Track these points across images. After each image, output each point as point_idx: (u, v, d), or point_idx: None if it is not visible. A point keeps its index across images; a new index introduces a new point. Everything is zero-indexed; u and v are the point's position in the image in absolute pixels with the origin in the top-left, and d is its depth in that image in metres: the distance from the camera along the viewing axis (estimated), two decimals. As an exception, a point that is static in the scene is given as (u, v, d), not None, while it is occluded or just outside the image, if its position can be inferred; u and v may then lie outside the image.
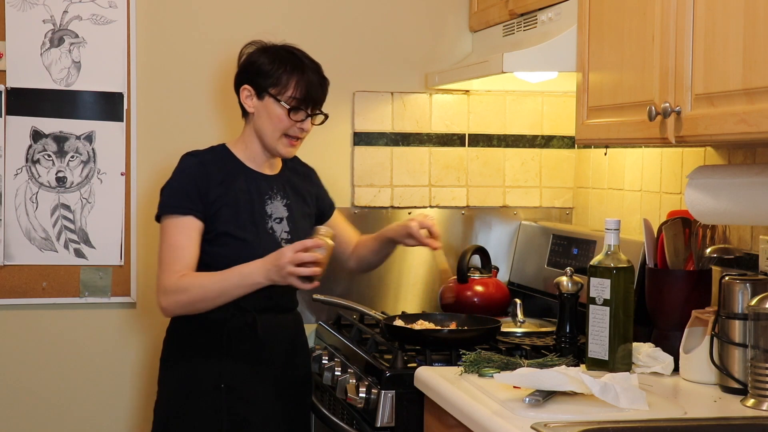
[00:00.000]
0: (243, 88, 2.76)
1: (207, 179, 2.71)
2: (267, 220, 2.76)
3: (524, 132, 3.66)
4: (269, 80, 2.72)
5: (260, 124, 2.75)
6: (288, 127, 2.73)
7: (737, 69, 2.03)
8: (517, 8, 3.17)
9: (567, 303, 2.84)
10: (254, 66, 2.75)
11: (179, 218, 2.67)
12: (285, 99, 2.71)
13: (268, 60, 2.74)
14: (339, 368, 2.99)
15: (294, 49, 2.79)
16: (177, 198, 2.70)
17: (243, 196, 2.74)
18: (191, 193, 2.69)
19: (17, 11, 3.31)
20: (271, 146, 2.76)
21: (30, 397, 3.39)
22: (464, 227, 3.63)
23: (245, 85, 2.76)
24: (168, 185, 2.74)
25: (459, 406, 2.34)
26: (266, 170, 2.82)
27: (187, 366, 2.73)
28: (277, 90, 2.72)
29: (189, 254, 2.66)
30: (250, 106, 2.76)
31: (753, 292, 2.36)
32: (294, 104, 2.71)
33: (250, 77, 2.75)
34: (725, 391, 2.41)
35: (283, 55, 2.75)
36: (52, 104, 3.34)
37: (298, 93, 2.72)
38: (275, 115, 2.72)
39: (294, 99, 2.72)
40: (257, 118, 2.76)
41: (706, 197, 2.38)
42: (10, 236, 3.33)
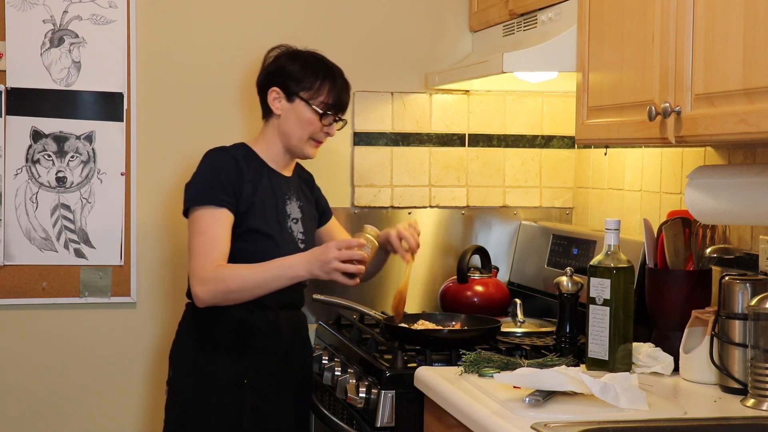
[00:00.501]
0: (271, 90, 2.81)
1: (239, 175, 2.74)
2: (287, 219, 2.82)
3: (524, 132, 3.66)
4: (301, 84, 2.78)
5: (288, 126, 2.80)
6: (317, 131, 2.80)
7: (737, 69, 2.03)
8: (517, 8, 3.17)
9: (567, 303, 2.84)
10: (285, 70, 2.80)
11: (214, 209, 2.69)
12: (317, 104, 2.78)
13: (300, 65, 2.80)
14: (339, 368, 2.99)
15: (322, 56, 2.87)
16: (212, 190, 2.71)
17: (268, 194, 2.79)
18: (226, 187, 2.71)
19: (17, 11, 3.31)
20: (297, 148, 2.82)
21: (30, 397, 3.39)
22: (464, 227, 3.63)
23: (274, 87, 2.80)
24: (199, 177, 2.75)
25: (459, 406, 2.34)
26: (285, 171, 2.88)
27: (208, 363, 2.74)
28: (310, 94, 2.78)
29: (224, 245, 2.68)
30: (277, 108, 2.80)
31: (753, 292, 2.36)
32: (325, 109, 2.78)
33: (279, 80, 2.80)
34: (725, 391, 2.41)
35: (313, 62, 2.83)
36: (52, 104, 3.33)
37: (330, 99, 2.79)
38: (305, 118, 2.78)
39: (325, 104, 2.79)
40: (285, 120, 2.80)
41: (706, 197, 2.38)
42: (10, 236, 3.32)
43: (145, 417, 3.46)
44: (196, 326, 2.79)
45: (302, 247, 2.82)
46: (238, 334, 2.73)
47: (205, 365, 2.75)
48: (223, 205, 2.69)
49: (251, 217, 2.73)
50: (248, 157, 2.80)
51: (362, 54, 3.54)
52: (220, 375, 2.74)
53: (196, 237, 2.68)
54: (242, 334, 2.73)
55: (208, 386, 2.74)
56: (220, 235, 2.67)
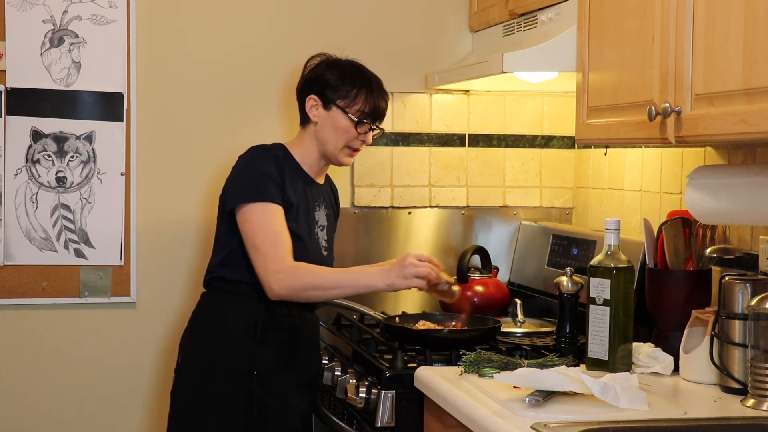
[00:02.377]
0: (309, 98, 2.83)
1: (282, 174, 2.76)
2: (315, 225, 2.85)
3: (524, 132, 3.66)
4: (338, 93, 2.81)
5: (324, 133, 2.83)
6: (352, 138, 2.82)
7: (737, 69, 2.03)
8: (517, 8, 3.17)
9: (567, 303, 2.84)
10: (322, 78, 2.83)
11: (270, 205, 2.71)
12: (353, 112, 2.81)
13: (338, 74, 2.83)
14: (339, 368, 2.99)
15: (360, 65, 2.89)
16: (265, 185, 2.72)
17: (302, 198, 2.81)
18: (276, 183, 2.73)
19: (17, 11, 3.31)
20: (333, 155, 2.84)
21: (30, 397, 3.39)
22: (464, 227, 3.63)
23: (312, 95, 2.83)
24: (246, 174, 2.76)
25: (459, 406, 2.34)
26: (318, 179, 2.91)
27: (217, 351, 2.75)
28: (346, 103, 2.81)
29: (287, 239, 2.69)
30: (315, 116, 2.83)
31: (753, 292, 2.36)
32: (360, 117, 2.81)
33: (317, 88, 2.83)
34: (725, 391, 2.41)
35: (351, 71, 2.85)
36: (52, 104, 3.33)
37: (366, 107, 2.82)
38: (341, 126, 2.81)
39: (361, 113, 2.82)
40: (321, 128, 2.83)
41: (706, 197, 2.38)
42: (10, 236, 3.32)
43: (146, 417, 3.46)
44: (208, 315, 2.82)
45: (325, 254, 2.86)
46: (250, 325, 2.74)
47: (214, 353, 2.76)
48: (275, 200, 2.71)
49: (288, 217, 2.74)
50: (287, 159, 2.82)
51: (362, 54, 3.51)
52: (229, 363, 2.74)
53: (257, 233, 2.68)
54: (254, 325, 2.74)
55: (216, 374, 2.74)
56: (280, 229, 2.69)
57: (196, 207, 3.45)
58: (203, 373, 2.77)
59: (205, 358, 2.78)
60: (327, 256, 2.88)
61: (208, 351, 2.78)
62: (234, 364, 2.74)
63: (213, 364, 2.76)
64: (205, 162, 3.44)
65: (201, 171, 3.44)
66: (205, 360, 2.77)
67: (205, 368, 2.77)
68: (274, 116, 3.48)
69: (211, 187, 3.41)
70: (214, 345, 2.77)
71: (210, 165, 3.42)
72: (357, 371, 2.86)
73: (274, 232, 2.68)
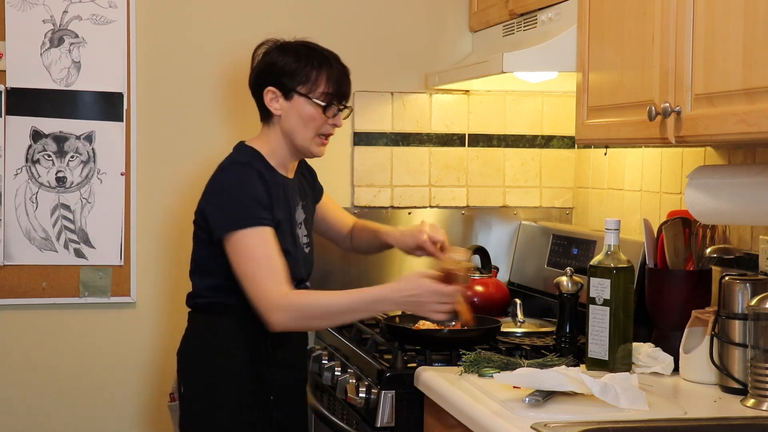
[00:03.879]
0: (267, 91, 2.62)
1: (267, 191, 2.57)
2: (296, 227, 2.69)
3: (524, 132, 3.66)
4: (296, 79, 2.60)
5: (291, 125, 2.63)
6: (321, 124, 2.62)
7: (737, 69, 2.03)
8: (517, 8, 3.17)
9: (567, 303, 2.84)
10: (276, 66, 2.62)
11: (261, 229, 2.50)
12: (317, 96, 2.60)
13: (292, 58, 2.61)
14: (339, 368, 2.99)
15: (312, 44, 2.68)
16: (253, 209, 2.52)
17: (284, 206, 2.64)
18: (264, 204, 2.54)
19: (17, 11, 3.31)
20: (304, 147, 2.65)
21: (30, 397, 3.39)
22: (464, 227, 3.62)
23: (269, 87, 2.62)
24: (231, 197, 2.54)
25: (459, 406, 2.34)
26: (290, 174, 2.72)
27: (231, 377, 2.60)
28: (307, 88, 2.60)
29: (281, 264, 2.49)
30: (276, 109, 2.62)
31: (753, 292, 2.36)
32: (327, 100, 2.61)
33: (273, 78, 2.62)
34: (725, 391, 2.41)
35: (305, 52, 2.64)
36: (52, 104, 3.34)
37: (329, 88, 2.61)
38: (307, 114, 2.61)
39: (326, 95, 2.61)
40: (286, 120, 2.63)
41: (706, 197, 2.38)
42: (10, 236, 3.32)
43: (145, 417, 3.46)
44: (212, 337, 2.63)
45: (307, 251, 2.73)
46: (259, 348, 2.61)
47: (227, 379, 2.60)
48: (266, 223, 2.51)
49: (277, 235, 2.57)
50: (266, 168, 2.62)
51: (362, 54, 3.54)
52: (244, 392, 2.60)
53: (248, 263, 2.48)
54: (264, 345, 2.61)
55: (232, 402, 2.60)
56: (273, 254, 2.49)
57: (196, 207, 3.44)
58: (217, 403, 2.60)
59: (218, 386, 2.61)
60: (309, 252, 2.74)
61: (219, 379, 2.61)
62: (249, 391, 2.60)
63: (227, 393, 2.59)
64: (205, 162, 3.43)
65: (201, 171, 3.43)
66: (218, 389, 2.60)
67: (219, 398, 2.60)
68: (274, 116, 3.48)
69: (211, 187, 3.41)
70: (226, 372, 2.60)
71: (210, 165, 3.39)
72: (357, 371, 2.86)
73: (268, 258, 2.48)
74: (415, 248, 2.82)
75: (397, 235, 2.87)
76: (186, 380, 2.67)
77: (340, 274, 3.41)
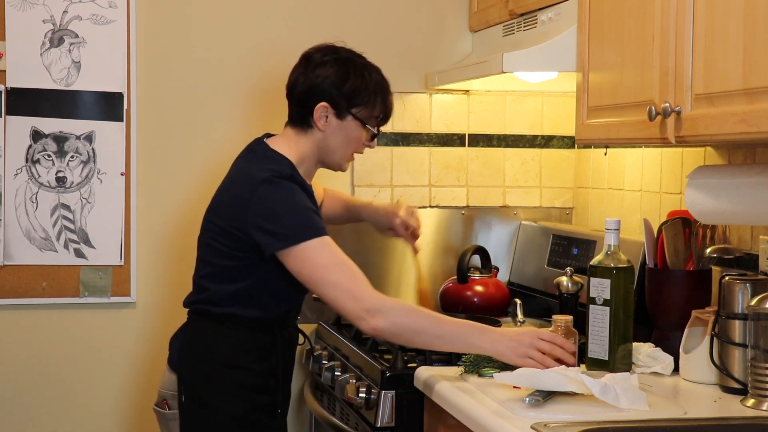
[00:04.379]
0: (320, 106, 2.55)
1: (313, 202, 2.56)
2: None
3: (524, 132, 3.66)
4: (355, 101, 2.56)
5: (334, 143, 2.58)
6: (361, 146, 2.63)
7: (737, 69, 2.03)
8: (517, 8, 3.17)
9: (567, 303, 2.84)
10: (336, 84, 2.55)
11: (326, 238, 2.46)
12: (371, 122, 2.59)
13: (355, 79, 2.56)
14: (339, 368, 2.99)
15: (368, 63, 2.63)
16: (315, 220, 2.47)
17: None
18: (318, 215, 2.51)
19: (17, 11, 3.31)
20: (336, 163, 2.63)
21: (30, 397, 3.39)
22: (464, 227, 3.63)
23: (324, 102, 2.55)
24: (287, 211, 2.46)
25: (459, 406, 2.34)
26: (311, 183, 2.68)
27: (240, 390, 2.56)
28: (365, 113, 2.58)
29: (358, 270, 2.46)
30: (324, 125, 2.56)
31: (753, 292, 2.36)
32: (377, 125, 2.61)
33: (331, 95, 2.55)
34: (725, 391, 2.41)
35: (365, 72, 2.59)
36: (52, 104, 3.34)
37: (382, 113, 2.61)
38: (355, 136, 2.59)
39: (377, 120, 2.61)
40: (330, 137, 2.58)
41: (706, 197, 2.38)
42: (10, 236, 3.33)
43: (145, 417, 3.45)
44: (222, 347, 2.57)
45: None
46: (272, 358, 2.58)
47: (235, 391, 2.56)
48: (326, 232, 2.47)
49: None
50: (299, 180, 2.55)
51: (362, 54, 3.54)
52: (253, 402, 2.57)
53: (329, 271, 2.43)
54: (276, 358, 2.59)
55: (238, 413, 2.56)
56: (348, 260, 2.45)
57: (196, 207, 3.44)
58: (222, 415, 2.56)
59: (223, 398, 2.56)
60: None
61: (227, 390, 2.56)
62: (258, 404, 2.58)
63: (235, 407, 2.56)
64: (205, 162, 3.44)
65: (201, 171, 3.44)
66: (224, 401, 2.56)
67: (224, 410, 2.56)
68: (274, 116, 3.48)
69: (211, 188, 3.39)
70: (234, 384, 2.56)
71: (210, 165, 3.42)
72: (357, 371, 2.86)
73: (345, 263, 2.44)
74: (386, 228, 2.85)
75: (371, 211, 2.89)
76: (189, 390, 2.60)
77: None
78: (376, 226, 2.90)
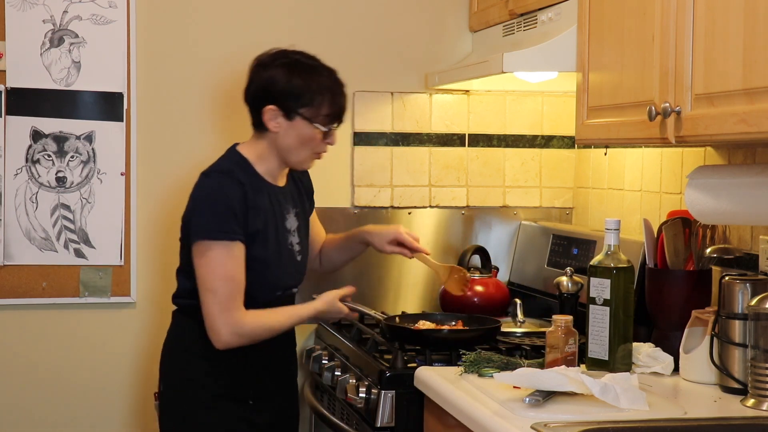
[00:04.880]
0: (268, 109, 2.62)
1: (245, 202, 2.59)
2: (287, 235, 2.72)
3: (524, 132, 3.66)
4: (301, 101, 2.61)
5: (287, 144, 2.64)
6: (318, 145, 2.66)
7: (737, 69, 2.03)
8: (517, 8, 3.17)
9: (567, 303, 2.84)
10: (279, 85, 2.62)
11: (230, 244, 2.55)
12: (319, 120, 2.62)
13: (299, 79, 2.62)
14: (339, 368, 2.99)
15: (317, 62, 2.68)
16: (224, 222, 2.55)
17: (270, 216, 2.65)
18: (238, 217, 2.56)
19: (17, 11, 3.31)
20: (297, 162, 2.69)
21: (30, 397, 3.39)
22: (464, 227, 3.62)
23: (270, 105, 2.62)
24: (207, 206, 2.58)
25: (459, 406, 2.34)
26: (279, 182, 2.74)
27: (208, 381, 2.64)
28: (311, 111, 2.62)
29: (243, 286, 2.57)
30: (274, 126, 2.63)
31: (753, 292, 2.36)
32: (327, 123, 2.64)
33: (275, 97, 2.61)
34: (725, 391, 2.41)
35: (310, 72, 2.64)
36: (52, 104, 3.34)
37: (331, 111, 2.64)
38: (307, 136, 2.63)
39: (328, 118, 2.64)
40: (283, 138, 2.64)
41: (706, 197, 2.38)
42: (10, 236, 3.32)
43: (145, 417, 3.46)
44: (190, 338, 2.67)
45: (299, 259, 2.75)
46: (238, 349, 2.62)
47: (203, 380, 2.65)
48: (236, 238, 2.55)
49: (255, 245, 2.61)
50: (250, 177, 2.64)
51: (362, 54, 3.54)
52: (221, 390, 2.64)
53: (218, 279, 2.54)
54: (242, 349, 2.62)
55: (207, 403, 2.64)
56: (238, 275, 2.56)
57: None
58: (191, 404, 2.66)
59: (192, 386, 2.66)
60: (301, 260, 2.77)
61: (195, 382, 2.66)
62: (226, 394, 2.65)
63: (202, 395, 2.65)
64: (205, 162, 3.41)
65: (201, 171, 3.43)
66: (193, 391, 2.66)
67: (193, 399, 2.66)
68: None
69: (211, 187, 3.41)
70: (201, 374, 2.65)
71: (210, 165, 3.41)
72: (357, 371, 2.86)
73: (231, 278, 2.54)
74: (389, 241, 2.91)
75: (372, 227, 2.97)
76: (164, 380, 2.73)
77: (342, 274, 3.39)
78: (379, 240, 2.93)
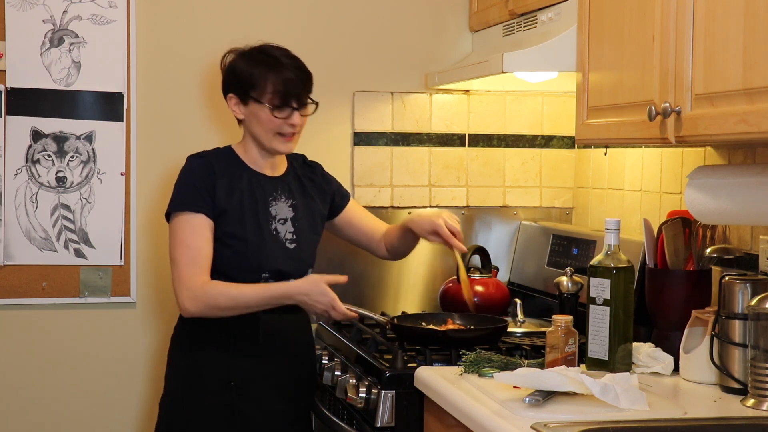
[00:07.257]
0: (229, 98, 2.80)
1: (213, 179, 2.75)
2: (271, 221, 2.79)
3: (524, 132, 3.66)
4: (249, 84, 2.74)
5: (252, 128, 2.79)
6: (278, 126, 2.75)
7: (737, 69, 2.03)
8: (517, 8, 3.17)
9: (567, 303, 2.84)
10: (234, 73, 2.78)
11: (191, 216, 2.72)
12: (267, 100, 2.73)
13: (246, 65, 2.76)
14: (339, 368, 2.99)
15: (269, 48, 2.79)
16: (187, 195, 2.73)
17: (247, 197, 2.78)
18: (201, 191, 2.73)
19: (17, 11, 3.31)
20: (268, 146, 2.79)
21: (30, 397, 3.39)
22: (464, 227, 3.62)
23: (230, 93, 2.79)
24: (176, 185, 2.78)
25: (459, 406, 2.34)
26: (267, 171, 2.85)
27: (195, 363, 2.77)
28: (258, 93, 2.73)
29: (206, 254, 2.70)
30: (239, 114, 2.80)
31: (753, 292, 2.36)
32: (275, 102, 2.72)
33: (232, 85, 2.79)
34: (725, 391, 2.41)
35: (257, 57, 2.77)
36: (52, 104, 3.34)
37: (275, 91, 2.72)
38: (262, 117, 2.75)
39: (273, 96, 2.72)
40: (248, 124, 2.80)
41: (706, 197, 2.38)
42: (10, 236, 3.33)
43: (145, 416, 3.46)
44: (185, 326, 2.81)
45: (291, 247, 2.80)
46: (223, 335, 2.74)
47: (191, 365, 2.78)
48: (198, 210, 2.71)
49: (227, 221, 2.73)
50: (228, 160, 2.81)
51: (362, 54, 3.55)
52: (207, 375, 2.75)
53: (175, 246, 2.72)
54: (226, 335, 2.74)
55: (195, 387, 2.76)
56: (200, 244, 2.70)
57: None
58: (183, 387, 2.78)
59: (184, 371, 2.79)
60: (295, 248, 2.81)
61: (185, 365, 2.80)
62: (213, 377, 2.75)
63: (190, 378, 2.77)
64: (205, 162, 3.44)
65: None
66: (184, 374, 2.79)
67: (184, 382, 2.78)
68: (274, 116, 3.48)
69: (211, 187, 3.41)
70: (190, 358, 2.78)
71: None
72: (357, 371, 2.86)
73: (192, 247, 2.69)
74: (430, 232, 2.91)
75: (413, 217, 2.99)
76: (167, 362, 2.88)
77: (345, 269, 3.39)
78: (420, 230, 2.94)
